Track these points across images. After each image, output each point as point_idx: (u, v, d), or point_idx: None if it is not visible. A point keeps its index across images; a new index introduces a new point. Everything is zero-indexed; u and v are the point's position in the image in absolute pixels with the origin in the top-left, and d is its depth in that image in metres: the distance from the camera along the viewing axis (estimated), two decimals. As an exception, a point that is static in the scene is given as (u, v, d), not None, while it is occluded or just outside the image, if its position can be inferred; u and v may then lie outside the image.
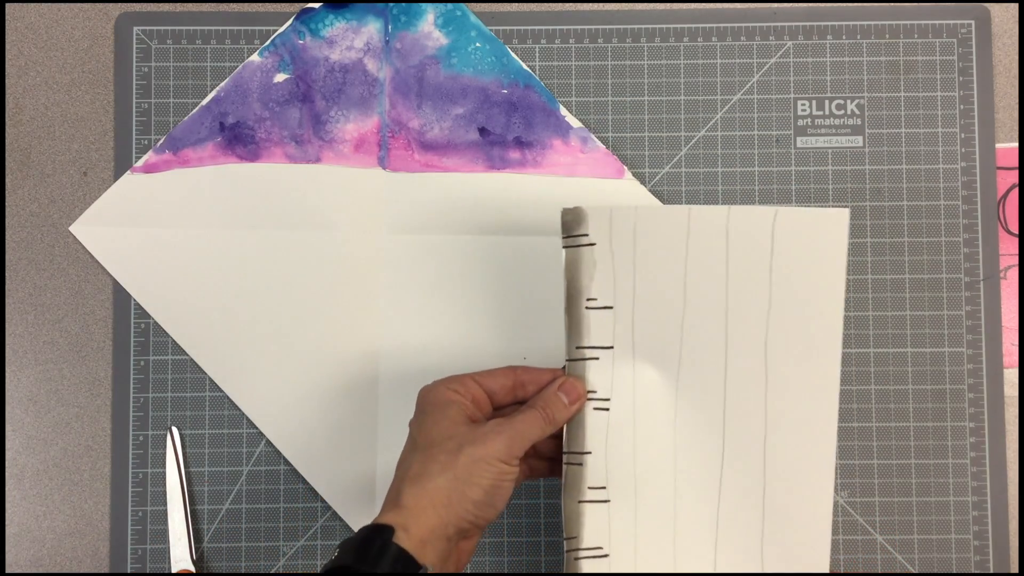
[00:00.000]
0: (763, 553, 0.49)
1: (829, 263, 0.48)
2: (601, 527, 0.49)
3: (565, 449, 0.49)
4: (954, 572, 0.59)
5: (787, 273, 0.48)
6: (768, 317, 0.49)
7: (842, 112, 0.61)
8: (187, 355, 0.60)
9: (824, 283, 0.48)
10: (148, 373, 0.60)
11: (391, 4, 0.61)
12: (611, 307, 0.49)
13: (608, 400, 0.49)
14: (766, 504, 0.49)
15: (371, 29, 0.60)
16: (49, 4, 0.62)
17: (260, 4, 0.62)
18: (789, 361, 0.49)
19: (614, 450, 0.49)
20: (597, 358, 0.49)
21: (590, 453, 0.49)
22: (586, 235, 0.49)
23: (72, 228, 0.60)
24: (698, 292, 0.49)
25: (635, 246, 0.49)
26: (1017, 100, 0.62)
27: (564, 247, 0.50)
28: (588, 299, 0.49)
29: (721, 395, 0.49)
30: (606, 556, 0.49)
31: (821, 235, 0.48)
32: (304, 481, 0.59)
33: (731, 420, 0.49)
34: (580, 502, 0.49)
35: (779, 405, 0.49)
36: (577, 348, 0.49)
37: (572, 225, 0.49)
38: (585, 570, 0.49)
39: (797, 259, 0.48)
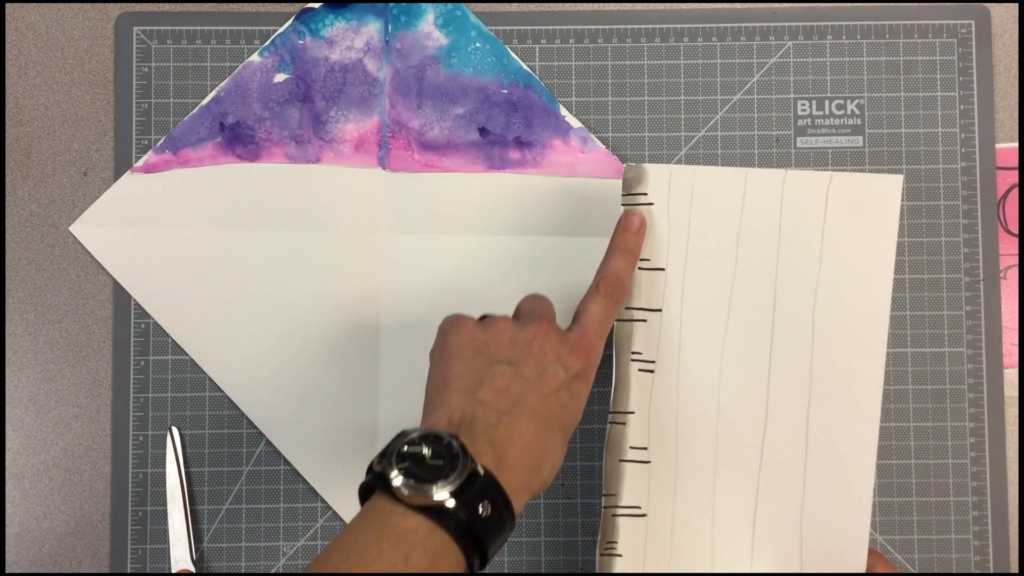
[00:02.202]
0: (802, 526, 0.49)
1: (881, 229, 0.48)
2: (640, 487, 0.49)
3: (611, 408, 0.50)
4: (954, 572, 0.59)
5: (839, 239, 0.49)
6: (817, 283, 0.49)
7: (842, 112, 0.61)
8: (187, 355, 0.60)
9: (875, 249, 0.49)
10: (148, 373, 0.60)
11: (391, 4, 0.61)
12: (663, 269, 0.50)
13: (653, 362, 0.49)
14: (807, 474, 0.49)
15: (371, 29, 0.60)
16: (49, 4, 0.62)
17: (260, 4, 0.62)
18: (836, 328, 0.49)
19: (657, 412, 0.49)
20: (645, 320, 0.49)
21: (633, 413, 0.49)
22: (645, 194, 0.50)
23: (72, 228, 0.60)
24: (749, 256, 0.49)
25: (691, 207, 0.49)
26: (1017, 100, 0.62)
27: (623, 205, 0.50)
28: (641, 259, 0.49)
29: (767, 362, 0.49)
30: (644, 516, 0.49)
31: (874, 201, 0.48)
32: (304, 481, 0.59)
33: (775, 387, 0.49)
34: (621, 461, 0.49)
35: (824, 373, 0.49)
36: (626, 309, 0.50)
37: (632, 183, 0.50)
38: (622, 527, 0.49)
39: (850, 225, 0.48)
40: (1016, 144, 0.61)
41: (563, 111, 0.60)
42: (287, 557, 0.60)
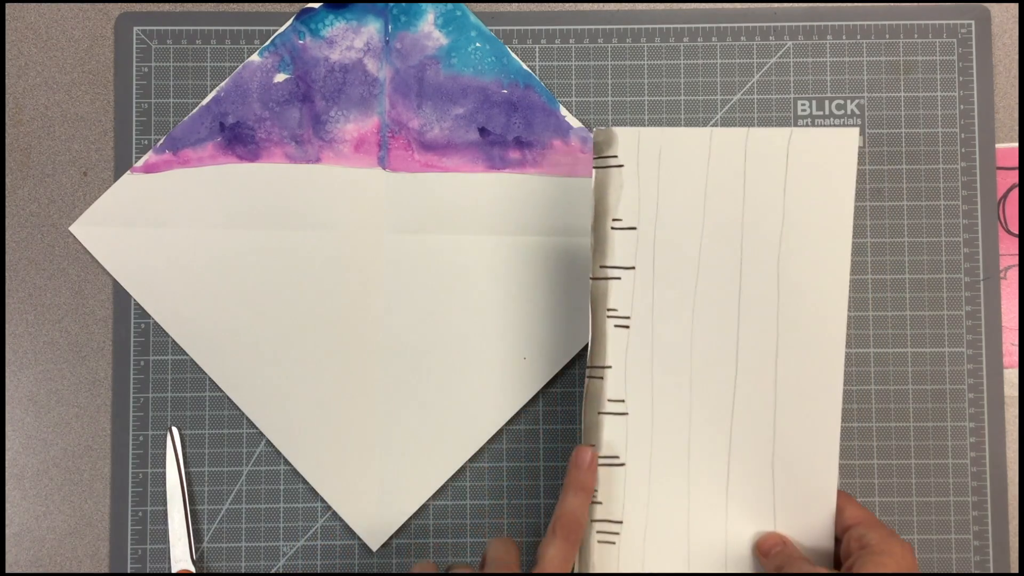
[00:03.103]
0: (774, 471, 0.51)
1: (839, 179, 0.50)
2: (619, 437, 0.52)
3: (588, 364, 0.52)
4: (954, 572, 0.59)
5: (800, 190, 0.50)
6: (781, 234, 0.51)
7: (842, 112, 0.61)
8: (187, 355, 0.60)
9: (835, 199, 0.50)
10: (148, 373, 0.60)
11: (391, 4, 0.61)
12: (635, 228, 0.51)
13: (628, 318, 0.51)
14: (777, 420, 0.51)
15: (371, 29, 0.60)
16: (49, 4, 0.62)
17: (260, 4, 0.62)
18: (800, 277, 0.51)
19: (633, 366, 0.51)
20: (619, 278, 0.51)
21: (610, 368, 0.51)
22: (615, 156, 0.51)
23: (72, 228, 0.60)
24: (716, 212, 0.51)
25: (659, 167, 0.51)
26: (1017, 100, 0.62)
27: (594, 167, 0.51)
28: (613, 219, 0.51)
29: (735, 313, 0.51)
30: (622, 465, 0.52)
31: (833, 153, 0.50)
32: (304, 481, 0.59)
33: (744, 337, 0.51)
34: (600, 413, 0.52)
35: (790, 322, 0.51)
36: (601, 267, 0.52)
37: (603, 146, 0.51)
38: (602, 477, 0.51)
39: (810, 177, 0.50)
40: (1016, 144, 0.61)
41: (563, 111, 0.60)
42: (287, 557, 0.60)
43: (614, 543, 0.52)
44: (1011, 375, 0.60)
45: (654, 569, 0.51)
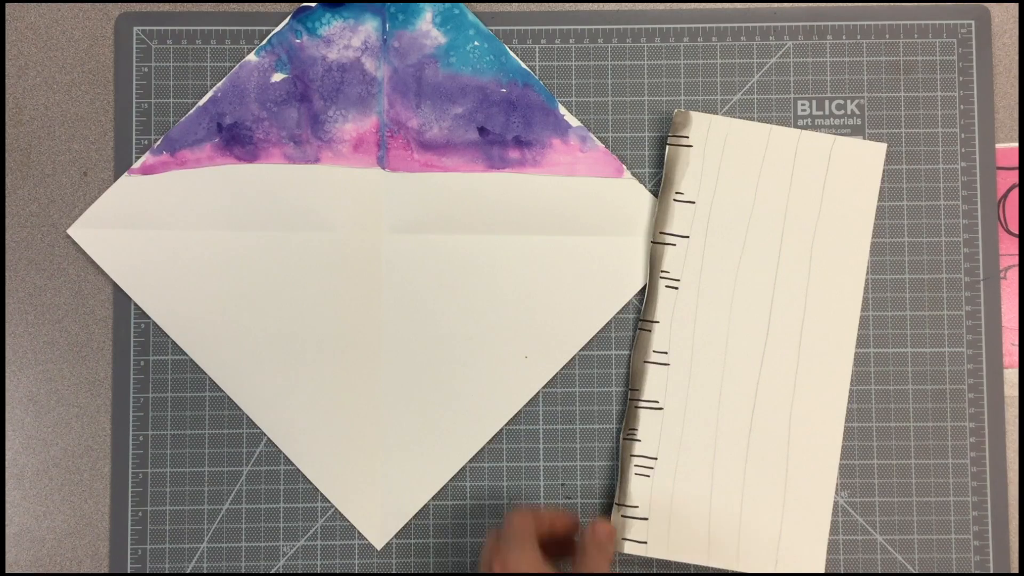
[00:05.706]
0: (791, 424, 0.58)
1: (867, 183, 0.60)
2: (660, 384, 0.59)
3: (640, 317, 0.59)
4: (954, 572, 0.59)
5: (836, 188, 0.59)
6: (816, 224, 0.59)
7: (842, 112, 0.61)
8: (187, 355, 0.60)
9: (862, 199, 0.59)
10: (148, 373, 0.60)
11: (388, 3, 0.61)
12: (693, 202, 0.59)
13: (678, 280, 0.59)
14: (797, 382, 0.59)
15: (368, 28, 0.60)
16: (49, 4, 0.62)
17: (260, 4, 0.62)
18: (829, 258, 0.59)
19: (678, 322, 0.59)
20: (674, 244, 0.59)
21: (658, 322, 0.59)
22: (687, 137, 0.60)
23: (70, 231, 0.60)
24: (765, 198, 0.59)
25: (723, 152, 0.59)
26: (1017, 100, 0.62)
27: (668, 144, 0.60)
28: (676, 192, 0.59)
29: (771, 286, 0.59)
30: (660, 409, 0.59)
31: (863, 162, 0.60)
32: (304, 481, 0.59)
33: (777, 306, 0.59)
34: (645, 362, 0.59)
35: (817, 294, 0.59)
36: (660, 233, 0.59)
37: (679, 126, 0.60)
38: (642, 417, 0.59)
39: (844, 178, 0.59)
40: (1016, 144, 0.61)
41: (562, 110, 0.60)
42: (287, 557, 0.60)
43: (648, 476, 0.58)
44: (1011, 375, 0.60)
45: (680, 498, 0.58)
